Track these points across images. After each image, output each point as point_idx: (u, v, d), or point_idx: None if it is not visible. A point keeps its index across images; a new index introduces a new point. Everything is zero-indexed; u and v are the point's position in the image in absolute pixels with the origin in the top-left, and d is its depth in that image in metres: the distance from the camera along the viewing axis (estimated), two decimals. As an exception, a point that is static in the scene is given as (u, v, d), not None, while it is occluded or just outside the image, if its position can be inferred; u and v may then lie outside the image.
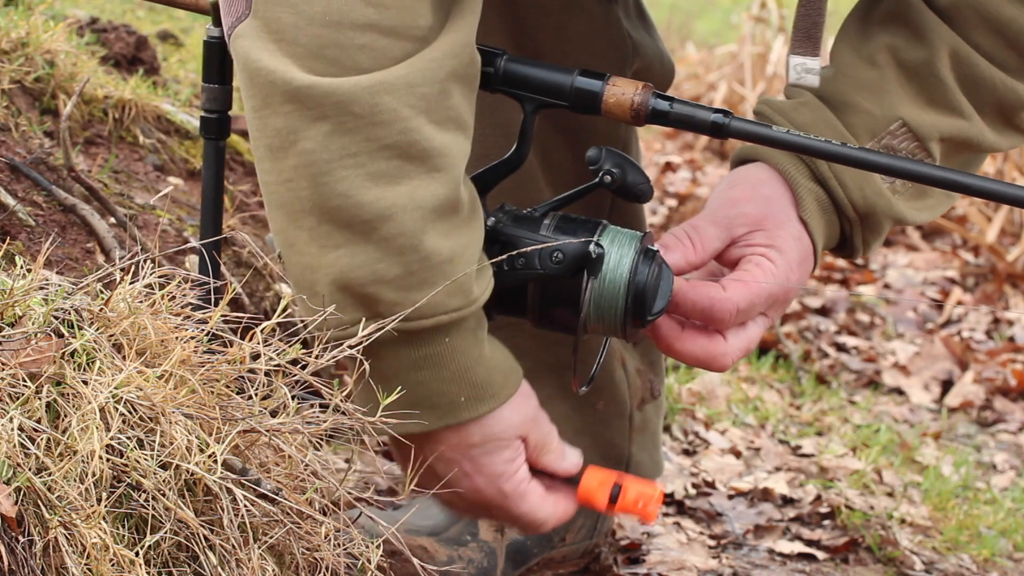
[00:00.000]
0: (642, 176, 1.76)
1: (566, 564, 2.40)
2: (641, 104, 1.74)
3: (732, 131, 1.73)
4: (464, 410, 1.67)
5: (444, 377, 1.66)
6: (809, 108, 1.87)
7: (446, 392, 1.67)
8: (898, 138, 1.87)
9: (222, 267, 2.39)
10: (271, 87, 1.58)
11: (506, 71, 1.75)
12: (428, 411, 1.67)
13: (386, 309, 1.61)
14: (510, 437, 1.73)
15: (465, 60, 1.64)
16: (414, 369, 1.66)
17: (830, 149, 1.71)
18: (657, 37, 2.25)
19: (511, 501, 1.76)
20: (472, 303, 1.65)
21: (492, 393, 1.68)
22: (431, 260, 1.60)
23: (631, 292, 1.72)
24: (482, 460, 1.72)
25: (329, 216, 1.59)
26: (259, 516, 1.57)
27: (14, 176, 2.30)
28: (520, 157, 1.77)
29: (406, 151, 1.59)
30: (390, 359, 1.65)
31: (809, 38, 1.80)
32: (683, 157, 6.37)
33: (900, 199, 1.89)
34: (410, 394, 1.65)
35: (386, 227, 1.58)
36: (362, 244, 1.59)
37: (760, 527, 2.74)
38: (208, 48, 1.87)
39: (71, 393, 1.52)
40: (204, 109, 1.88)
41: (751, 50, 6.69)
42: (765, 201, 1.85)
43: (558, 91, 1.75)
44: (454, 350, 1.65)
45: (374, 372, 1.64)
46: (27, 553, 1.44)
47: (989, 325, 4.71)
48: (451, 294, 1.63)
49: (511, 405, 1.71)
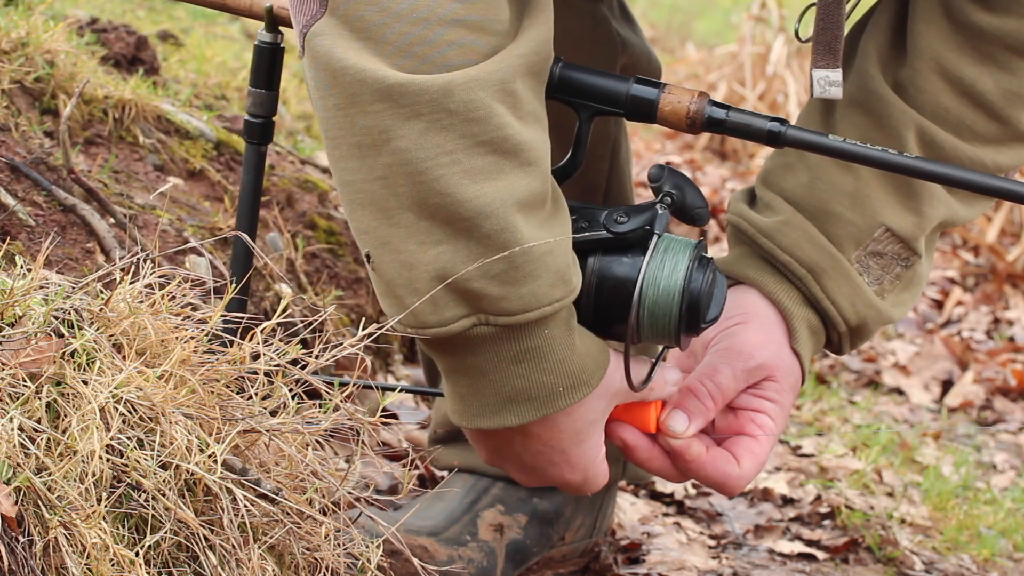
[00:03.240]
0: (701, 200, 1.75)
1: (566, 563, 2.40)
2: (697, 112, 1.73)
3: (788, 139, 1.73)
4: (562, 398, 1.66)
5: (544, 369, 1.65)
6: (791, 228, 1.88)
7: (545, 384, 1.66)
8: (883, 243, 1.89)
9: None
10: (360, 85, 1.57)
11: (562, 78, 1.74)
12: (526, 403, 1.67)
13: (489, 304, 1.61)
14: (600, 420, 1.73)
15: (544, 56, 1.65)
16: (514, 363, 1.65)
17: (885, 158, 1.71)
18: (643, 37, 2.26)
19: (591, 480, 1.77)
20: (572, 292, 1.65)
21: (586, 379, 1.67)
22: (534, 252, 1.60)
23: (686, 299, 1.70)
24: (573, 452, 1.73)
25: (429, 213, 1.59)
26: (259, 516, 1.57)
27: (14, 176, 2.31)
28: (575, 164, 1.76)
29: (500, 146, 1.59)
30: (489, 354, 1.64)
31: (830, 51, 1.80)
32: (683, 157, 6.37)
33: (889, 298, 1.91)
34: (508, 387, 1.65)
35: (487, 223, 1.58)
36: (464, 240, 1.59)
37: (760, 527, 2.74)
38: (259, 53, 1.88)
39: (71, 393, 1.52)
40: (249, 113, 1.89)
41: (751, 50, 6.68)
42: (776, 345, 1.88)
43: (614, 99, 1.74)
44: (552, 341, 1.64)
45: (466, 366, 1.65)
46: (27, 553, 1.44)
47: (989, 325, 4.71)
48: (553, 285, 1.62)
49: (602, 390, 1.71)
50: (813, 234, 1.88)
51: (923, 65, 1.86)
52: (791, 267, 1.88)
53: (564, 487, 1.78)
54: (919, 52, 1.87)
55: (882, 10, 1.94)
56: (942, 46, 1.86)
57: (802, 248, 1.87)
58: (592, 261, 1.71)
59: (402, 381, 2.92)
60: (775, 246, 1.88)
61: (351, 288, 2.84)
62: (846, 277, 1.88)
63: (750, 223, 1.91)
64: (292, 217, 2.84)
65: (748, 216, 1.92)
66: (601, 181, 2.28)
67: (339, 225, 2.90)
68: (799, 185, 1.89)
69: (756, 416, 1.86)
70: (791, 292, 1.89)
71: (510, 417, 1.67)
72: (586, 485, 1.78)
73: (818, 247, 1.88)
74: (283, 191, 2.86)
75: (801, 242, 1.88)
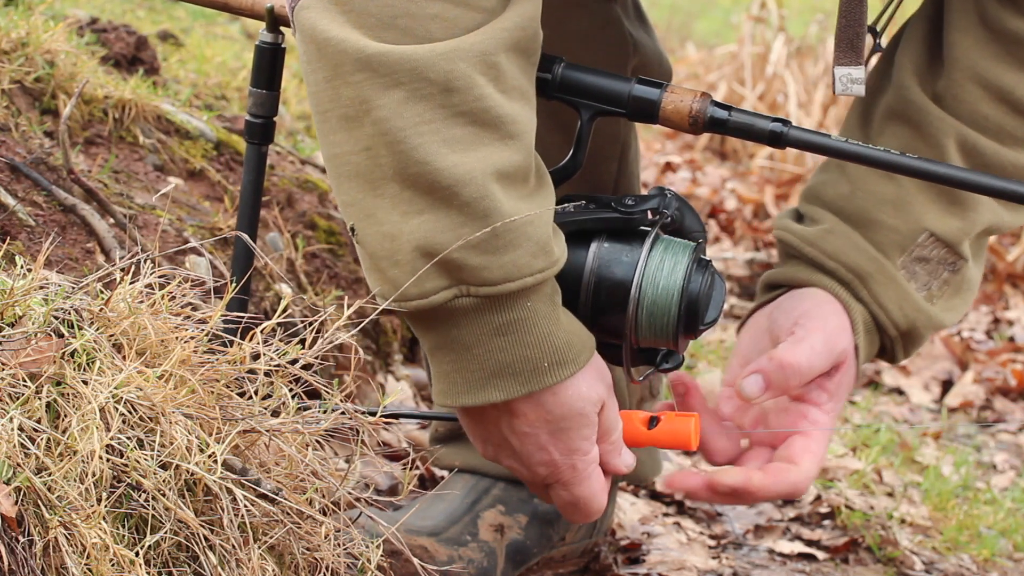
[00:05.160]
0: (699, 224, 1.77)
1: (566, 563, 2.40)
2: (699, 112, 1.73)
3: (791, 140, 1.73)
4: (547, 375, 1.66)
5: (527, 342, 1.65)
6: (836, 235, 1.91)
7: (529, 357, 1.65)
8: (927, 248, 1.90)
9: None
10: (342, 56, 1.58)
11: (564, 78, 1.74)
12: (510, 378, 1.66)
13: (470, 275, 1.61)
14: (590, 412, 1.71)
15: (531, 33, 1.65)
16: (497, 335, 1.65)
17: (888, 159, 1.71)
18: (655, 38, 2.26)
19: (580, 479, 1.74)
20: (554, 264, 1.65)
21: (572, 357, 1.67)
22: (515, 222, 1.61)
23: (684, 300, 1.71)
24: (562, 434, 1.71)
25: (411, 182, 1.59)
26: (259, 516, 1.57)
27: (14, 176, 2.31)
28: (576, 164, 1.77)
29: (480, 117, 1.59)
30: (472, 326, 1.64)
31: (852, 48, 1.81)
32: (683, 157, 6.37)
33: (939, 304, 1.93)
34: (491, 362, 1.65)
35: (466, 191, 1.58)
36: (444, 209, 1.59)
37: (760, 527, 2.74)
38: (259, 53, 1.88)
39: (71, 393, 1.52)
40: (250, 113, 1.89)
41: (751, 50, 6.68)
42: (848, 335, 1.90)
43: (616, 99, 1.75)
44: (536, 314, 1.64)
45: (449, 341, 1.64)
46: (27, 553, 1.44)
47: (989, 325, 4.71)
48: (535, 255, 1.63)
49: (588, 375, 1.70)
50: (857, 240, 1.90)
51: (960, 75, 1.87)
52: (838, 272, 1.90)
53: (556, 487, 1.76)
54: (956, 62, 1.87)
55: (917, 22, 1.94)
56: (978, 55, 1.87)
57: (847, 254, 1.89)
58: (594, 248, 1.71)
59: (402, 381, 2.92)
60: (821, 253, 1.91)
61: (351, 288, 2.84)
62: (892, 281, 1.89)
63: (795, 235, 1.94)
64: (292, 217, 2.84)
65: (793, 229, 1.94)
66: (609, 181, 2.29)
67: (339, 225, 2.90)
68: (840, 196, 1.92)
69: (810, 411, 1.87)
70: (845, 292, 1.91)
71: (494, 392, 1.66)
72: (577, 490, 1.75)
73: (863, 252, 1.89)
74: (283, 191, 2.86)
75: (846, 248, 1.90)
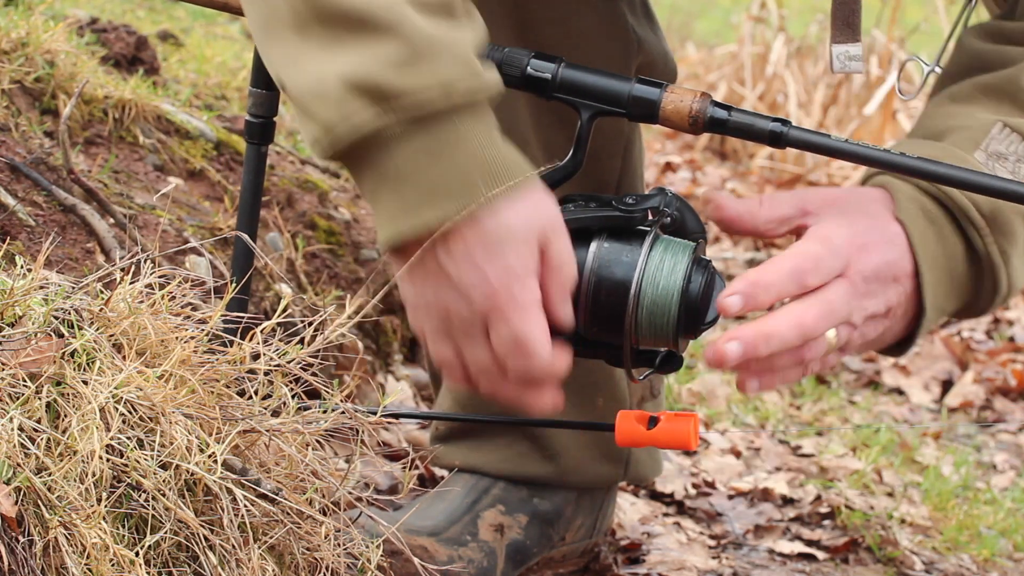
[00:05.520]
0: (699, 226, 1.76)
1: (566, 563, 2.41)
2: (699, 112, 1.73)
3: (791, 140, 1.72)
4: (480, 189, 1.62)
5: (459, 162, 1.62)
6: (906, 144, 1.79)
7: (460, 174, 1.62)
8: (1003, 141, 1.83)
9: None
10: None
11: (563, 78, 1.74)
12: (444, 198, 1.63)
13: (396, 100, 1.59)
14: (529, 237, 1.66)
15: None
16: (429, 156, 1.62)
17: (886, 158, 1.70)
18: (662, 37, 2.25)
19: (518, 309, 1.67)
20: (483, 85, 1.63)
21: (506, 175, 1.63)
22: (433, 38, 1.60)
23: (684, 300, 1.70)
24: (498, 253, 1.65)
25: (329, 19, 1.59)
26: (259, 516, 1.57)
27: (14, 176, 2.31)
28: (576, 164, 1.76)
29: None
30: (403, 152, 1.62)
31: (848, 25, 1.80)
32: (683, 157, 6.37)
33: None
34: (425, 183, 1.62)
35: (380, 15, 1.58)
36: (364, 37, 1.59)
37: (760, 527, 2.74)
38: (258, 54, 1.88)
39: (71, 393, 1.52)
40: (250, 113, 1.89)
41: (751, 50, 6.69)
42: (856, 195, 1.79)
43: (616, 99, 1.75)
44: (468, 131, 1.62)
45: (385, 173, 1.63)
46: (27, 553, 1.44)
47: (989, 325, 4.71)
48: (459, 75, 1.61)
49: (529, 200, 1.66)
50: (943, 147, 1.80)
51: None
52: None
53: (496, 323, 1.67)
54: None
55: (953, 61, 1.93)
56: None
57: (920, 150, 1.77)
58: (595, 247, 1.71)
59: (402, 381, 2.92)
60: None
61: (351, 288, 2.85)
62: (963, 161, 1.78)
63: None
64: (292, 217, 2.84)
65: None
66: (613, 179, 2.28)
67: (339, 225, 2.90)
68: (914, 129, 1.87)
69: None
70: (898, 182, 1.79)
71: (429, 213, 1.62)
72: (515, 323, 1.66)
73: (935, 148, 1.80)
74: (283, 191, 2.86)
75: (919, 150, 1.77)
